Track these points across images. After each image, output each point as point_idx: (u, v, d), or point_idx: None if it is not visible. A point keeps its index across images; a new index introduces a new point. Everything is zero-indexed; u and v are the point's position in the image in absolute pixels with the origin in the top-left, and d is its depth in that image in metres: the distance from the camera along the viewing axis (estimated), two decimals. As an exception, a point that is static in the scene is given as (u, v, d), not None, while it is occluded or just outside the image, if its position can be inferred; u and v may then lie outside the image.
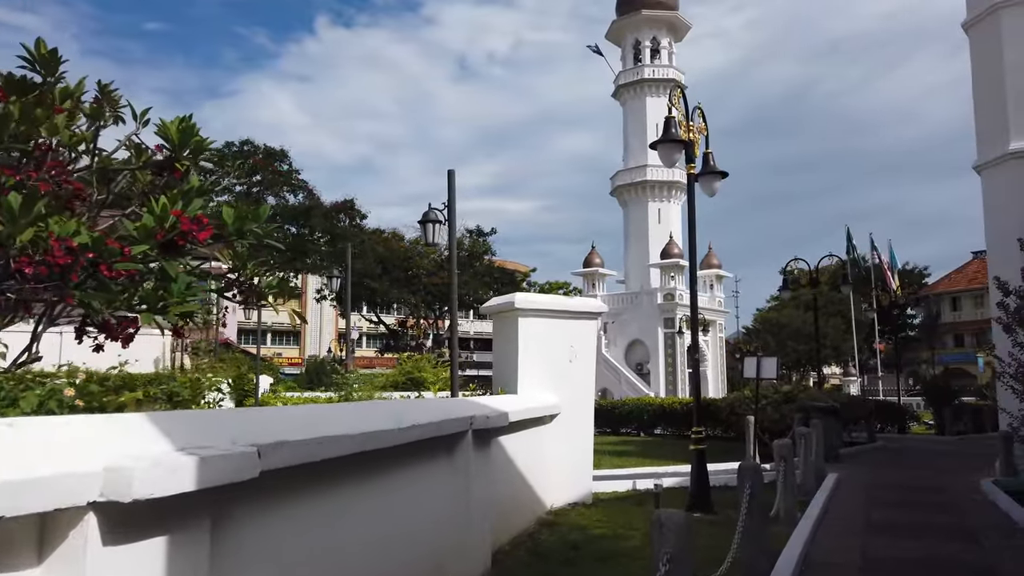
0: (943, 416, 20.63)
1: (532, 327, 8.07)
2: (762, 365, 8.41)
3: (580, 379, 8.46)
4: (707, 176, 8.82)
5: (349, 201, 46.06)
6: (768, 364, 8.39)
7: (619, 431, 24.24)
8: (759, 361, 8.49)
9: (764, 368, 8.39)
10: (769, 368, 8.38)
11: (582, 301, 8.39)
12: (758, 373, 8.44)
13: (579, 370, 8.41)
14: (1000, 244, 10.77)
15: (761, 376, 8.45)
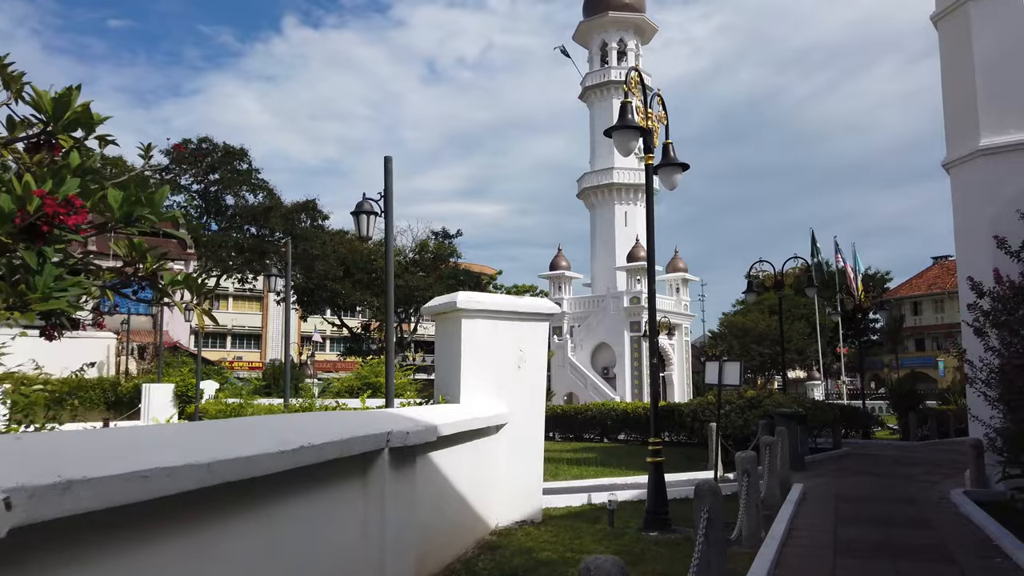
0: (908, 421, 20.39)
1: (477, 329, 7.39)
2: (724, 370, 7.84)
3: (530, 385, 7.80)
4: (667, 168, 8.24)
5: (310, 202, 44.94)
6: (731, 369, 7.83)
7: (582, 437, 23.68)
8: (721, 366, 7.92)
9: (726, 373, 7.83)
10: (732, 374, 7.82)
11: (531, 301, 7.73)
12: (720, 379, 7.88)
13: (529, 376, 7.75)
14: (970, 244, 10.38)
15: (724, 382, 7.88)
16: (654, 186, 8.07)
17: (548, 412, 25.10)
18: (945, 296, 71.38)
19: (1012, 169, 9.99)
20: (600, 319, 44.71)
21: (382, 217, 8.64)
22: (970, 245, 10.40)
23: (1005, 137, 10.06)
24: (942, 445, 19.75)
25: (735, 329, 64.39)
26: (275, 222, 42.39)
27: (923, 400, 22.52)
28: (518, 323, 7.65)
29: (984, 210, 10.15)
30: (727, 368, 7.89)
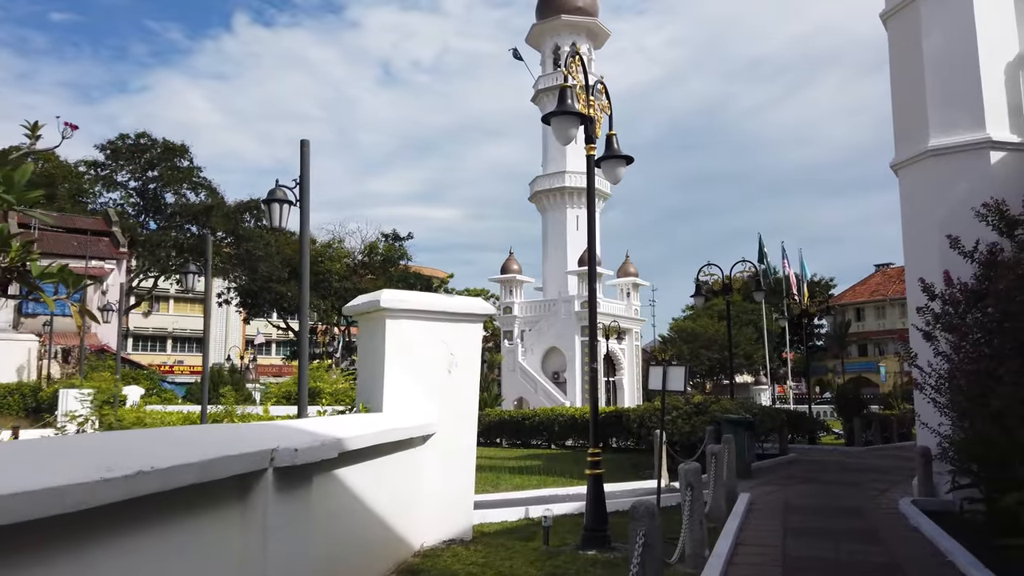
0: (853, 426, 20.40)
1: (403, 331, 6.75)
2: (669, 375, 7.37)
3: (461, 392, 7.18)
4: (610, 160, 7.76)
5: (254, 201, 43.38)
6: (675, 374, 7.36)
7: (529, 443, 23.15)
8: (665, 371, 7.45)
9: (671, 379, 7.36)
10: (676, 379, 7.35)
11: (463, 301, 7.13)
12: (664, 384, 7.41)
13: (460, 381, 7.13)
14: (919, 246, 10.15)
15: (668, 388, 7.42)
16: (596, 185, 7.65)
17: (495, 418, 24.60)
18: (887, 303, 73.28)
19: (962, 170, 9.79)
20: (551, 323, 44.34)
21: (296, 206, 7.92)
22: (919, 248, 10.17)
23: (955, 138, 9.87)
24: (887, 451, 19.80)
25: (685, 334, 64.92)
26: (217, 221, 40.89)
27: (867, 405, 22.62)
28: (449, 324, 7.04)
29: (934, 212, 9.93)
30: (672, 373, 7.42)
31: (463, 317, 7.21)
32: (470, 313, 7.24)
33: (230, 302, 51.39)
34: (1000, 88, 9.87)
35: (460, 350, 7.16)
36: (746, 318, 62.17)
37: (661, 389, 7.43)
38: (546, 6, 47.41)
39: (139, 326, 65.86)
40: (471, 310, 7.24)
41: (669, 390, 7.44)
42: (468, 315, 7.24)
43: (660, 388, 7.43)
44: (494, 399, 33.19)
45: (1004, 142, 9.67)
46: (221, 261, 41.54)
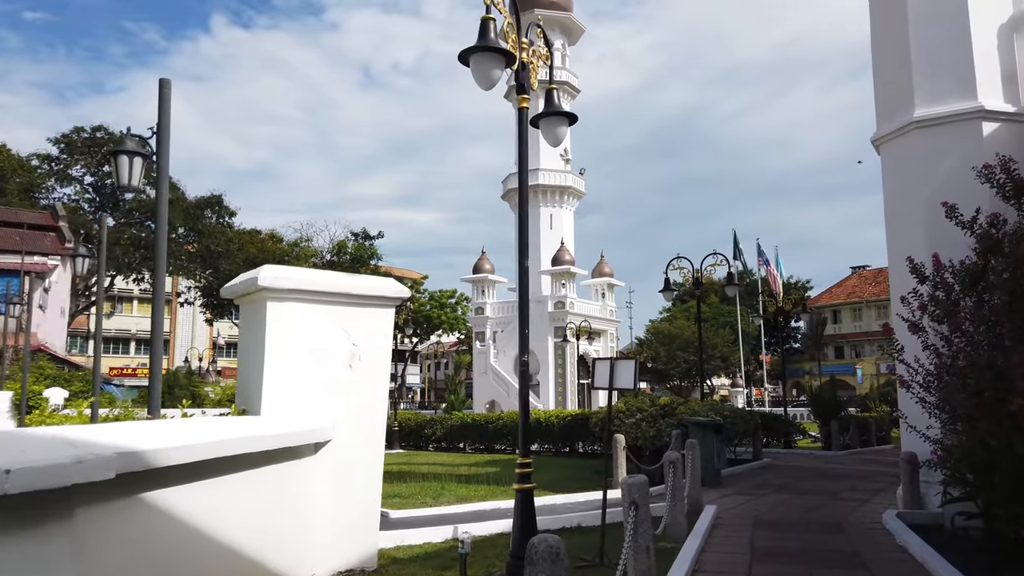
0: (830, 429, 19.43)
1: (290, 316, 5.55)
2: (617, 371, 6.23)
3: (366, 391, 5.99)
4: (550, 118, 6.61)
5: (216, 197, 41.92)
6: (624, 370, 6.21)
7: (493, 448, 21.96)
8: (613, 366, 6.30)
9: (619, 375, 6.23)
10: (625, 375, 6.21)
11: (370, 281, 5.94)
12: (611, 381, 6.28)
13: (364, 378, 5.94)
14: (903, 228, 9.12)
15: (617, 385, 6.30)
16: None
17: (458, 422, 23.42)
18: (863, 304, 73.04)
19: (951, 143, 8.77)
20: (523, 324, 43.06)
21: None
22: (903, 229, 9.13)
23: (943, 107, 8.85)
24: (865, 455, 18.86)
25: (661, 336, 63.92)
26: (175, 217, 39.21)
27: (844, 408, 21.71)
28: (351, 309, 5.84)
29: (920, 189, 8.90)
30: (620, 368, 6.29)
31: (370, 301, 6.01)
32: (378, 296, 6.04)
33: (192, 302, 49.69)
34: (992, 53, 8.87)
35: (365, 340, 5.96)
36: (723, 320, 61.40)
37: (608, 387, 6.31)
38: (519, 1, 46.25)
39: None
40: (379, 292, 6.04)
41: (618, 388, 6.32)
42: (375, 298, 6.04)
43: (606, 386, 6.32)
44: (461, 402, 31.98)
45: (997, 111, 8.66)
46: (181, 259, 39.94)
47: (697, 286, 17.02)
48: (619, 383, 6.29)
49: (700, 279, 16.95)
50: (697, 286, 17.02)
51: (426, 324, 56.88)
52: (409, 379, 74.57)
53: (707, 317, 69.80)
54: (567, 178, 45.16)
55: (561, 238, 43.33)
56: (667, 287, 17.65)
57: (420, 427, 23.76)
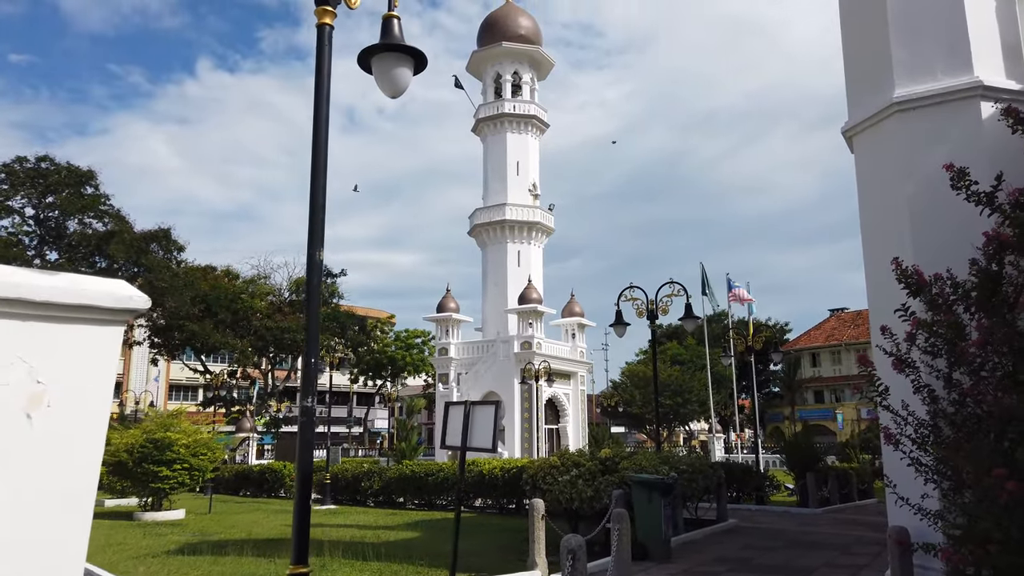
0: (806, 483, 17.32)
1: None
2: (473, 423, 4.17)
3: (61, 454, 3.85)
4: (386, 57, 4.65)
5: (163, 230, 39.64)
6: (481, 421, 4.15)
7: (434, 504, 19.62)
8: (468, 415, 4.22)
9: (476, 430, 4.18)
10: (483, 429, 4.15)
11: (74, 282, 3.71)
12: (466, 440, 4.21)
13: (59, 434, 3.81)
14: (882, 234, 7.24)
15: (472, 444, 4.26)
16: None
17: (395, 475, 21.06)
18: (842, 347, 71.46)
19: (939, 129, 6.94)
20: (489, 365, 40.90)
21: None
22: (882, 236, 7.23)
23: (929, 84, 7.03)
24: (846, 512, 16.75)
25: (636, 379, 61.90)
26: (117, 250, 36.88)
27: (822, 458, 19.62)
28: (34, 325, 3.77)
29: (901, 188, 7.03)
30: (476, 418, 4.24)
31: (71, 313, 3.89)
32: (88, 306, 3.92)
33: (141, 342, 47.03)
34: (989, 17, 7.11)
35: (62, 375, 3.81)
36: (700, 362, 59.56)
37: (460, 447, 4.25)
38: (487, 34, 45.28)
39: (48, 369, 60.35)
40: (89, 299, 3.92)
41: (473, 448, 4.28)
42: (83, 309, 3.92)
43: (458, 446, 4.26)
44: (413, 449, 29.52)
45: (999, 89, 6.85)
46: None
47: (652, 319, 15.06)
48: (476, 441, 4.25)
49: (655, 311, 15.01)
50: (652, 319, 15.06)
51: (391, 366, 54.35)
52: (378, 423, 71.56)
53: (684, 359, 67.94)
54: (535, 213, 43.46)
55: (529, 275, 41.40)
56: (619, 321, 15.63)
57: (357, 480, 21.36)
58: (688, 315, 15.06)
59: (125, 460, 17.01)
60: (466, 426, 4.33)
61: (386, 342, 54.80)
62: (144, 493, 17.62)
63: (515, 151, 44.17)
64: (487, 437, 4.25)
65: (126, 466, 17.06)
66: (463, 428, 4.35)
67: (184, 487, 17.62)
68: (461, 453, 4.64)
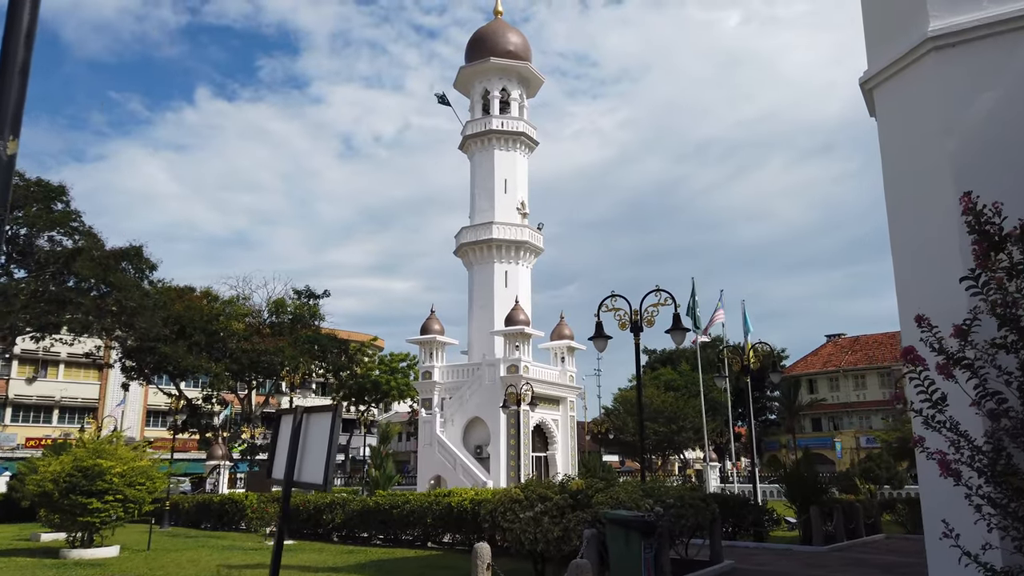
0: (810, 517, 15.58)
1: None
2: (306, 441, 2.67)
3: None
4: None
5: (134, 248, 37.93)
6: (316, 438, 2.63)
7: (400, 540, 17.80)
8: (300, 433, 2.68)
9: (309, 449, 2.69)
10: (317, 448, 2.65)
11: None
12: (292, 467, 2.71)
13: None
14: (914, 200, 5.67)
15: (302, 479, 2.77)
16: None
17: (358, 507, 19.27)
18: (840, 374, 69.76)
19: (985, 69, 5.43)
20: (474, 390, 39.12)
21: None
22: (915, 206, 5.69)
23: (971, 15, 5.54)
24: (855, 551, 15.01)
25: (629, 405, 60.06)
26: (83, 267, 35.17)
27: (827, 489, 17.90)
28: None
29: (940, 144, 5.50)
30: (311, 435, 2.69)
31: None
32: None
33: (112, 365, 45.15)
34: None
35: None
36: (694, 388, 57.79)
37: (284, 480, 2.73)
38: (475, 49, 44.23)
39: (20, 394, 58.40)
40: None
41: (302, 483, 2.75)
42: None
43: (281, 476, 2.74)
44: (388, 478, 27.68)
45: (1064, 15, 5.35)
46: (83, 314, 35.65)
47: (636, 331, 13.42)
48: (306, 471, 2.68)
49: (640, 323, 13.39)
50: (636, 331, 13.42)
51: (374, 391, 52.41)
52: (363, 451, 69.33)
53: (678, 385, 66.14)
54: (523, 232, 42.01)
55: (516, 296, 39.78)
56: (599, 334, 13.97)
57: (319, 512, 19.52)
58: (676, 326, 13.43)
59: (50, 491, 15.24)
60: (295, 448, 2.81)
61: (370, 366, 52.94)
62: (73, 527, 15.79)
63: (503, 168, 42.86)
64: (319, 465, 2.70)
65: (51, 497, 15.29)
66: (290, 451, 2.82)
67: (117, 521, 15.81)
68: (285, 488, 3.05)
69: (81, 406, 61.72)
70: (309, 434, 2.93)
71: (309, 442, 2.88)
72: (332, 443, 2.70)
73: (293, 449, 2.86)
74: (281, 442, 3.08)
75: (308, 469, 2.87)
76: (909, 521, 19.33)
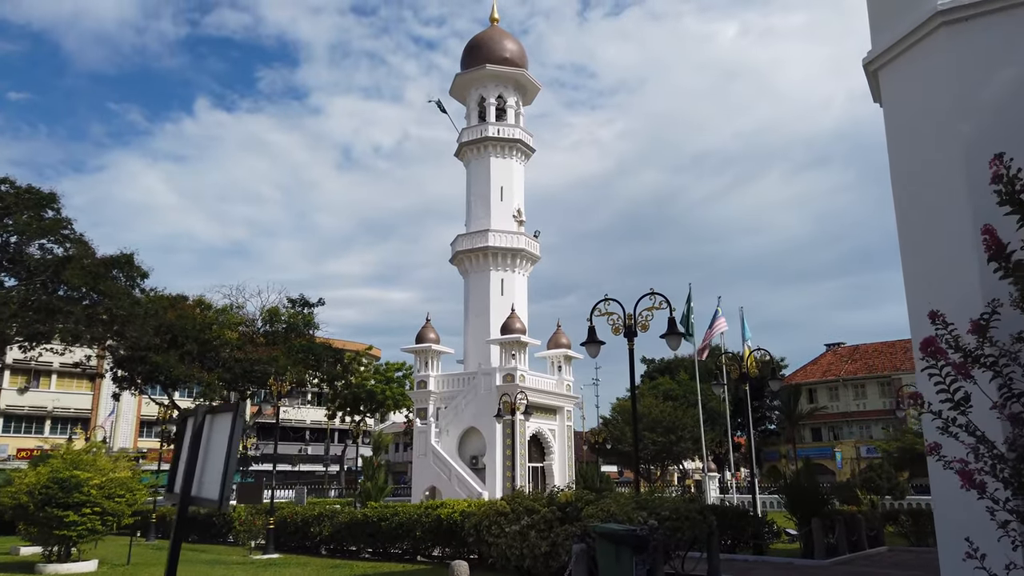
0: (811, 529, 15.07)
1: None
2: (207, 448, 2.28)
3: None
4: None
5: (125, 256, 37.43)
6: (217, 444, 2.21)
7: (389, 554, 17.26)
8: (201, 429, 2.26)
9: (209, 458, 2.28)
10: (215, 458, 2.23)
11: None
12: (189, 480, 2.29)
13: None
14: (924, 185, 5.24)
15: (200, 492, 2.36)
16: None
17: (348, 519, 18.74)
18: (839, 383, 69.20)
19: (1003, 45, 5.00)
20: (469, 400, 38.58)
21: None
22: (924, 195, 5.25)
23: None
24: (858, 564, 14.51)
25: (627, 415, 59.42)
26: (73, 276, 34.68)
27: (828, 500, 17.37)
28: None
29: (951, 127, 5.07)
30: (213, 441, 2.26)
31: None
32: None
33: (103, 375, 44.57)
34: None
35: None
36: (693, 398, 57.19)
37: (179, 495, 2.31)
38: (470, 56, 43.94)
39: (12, 404, 57.76)
40: None
41: (199, 499, 2.34)
42: None
43: (177, 490, 2.31)
44: (380, 489, 27.11)
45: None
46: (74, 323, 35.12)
47: (630, 336, 12.96)
48: (204, 485, 2.24)
49: (634, 327, 12.92)
50: (630, 336, 12.96)
51: (369, 400, 51.82)
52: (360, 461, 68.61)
53: (677, 395, 65.48)
54: (520, 240, 41.58)
55: (512, 304, 39.31)
56: (592, 338, 13.52)
57: (306, 525, 18.99)
58: (671, 331, 12.97)
59: (26, 503, 14.72)
60: (193, 457, 2.38)
61: (365, 375, 52.36)
62: (49, 541, 15.26)
63: (499, 176, 42.50)
64: (216, 478, 2.27)
65: (27, 510, 14.77)
66: (187, 459, 2.38)
67: (95, 534, 15.27)
68: (180, 507, 2.60)
69: (74, 416, 61.06)
70: (211, 440, 2.50)
71: (210, 450, 2.43)
72: (231, 451, 2.26)
73: (192, 458, 2.42)
74: (183, 450, 2.62)
75: (206, 482, 2.43)
76: (913, 533, 18.82)
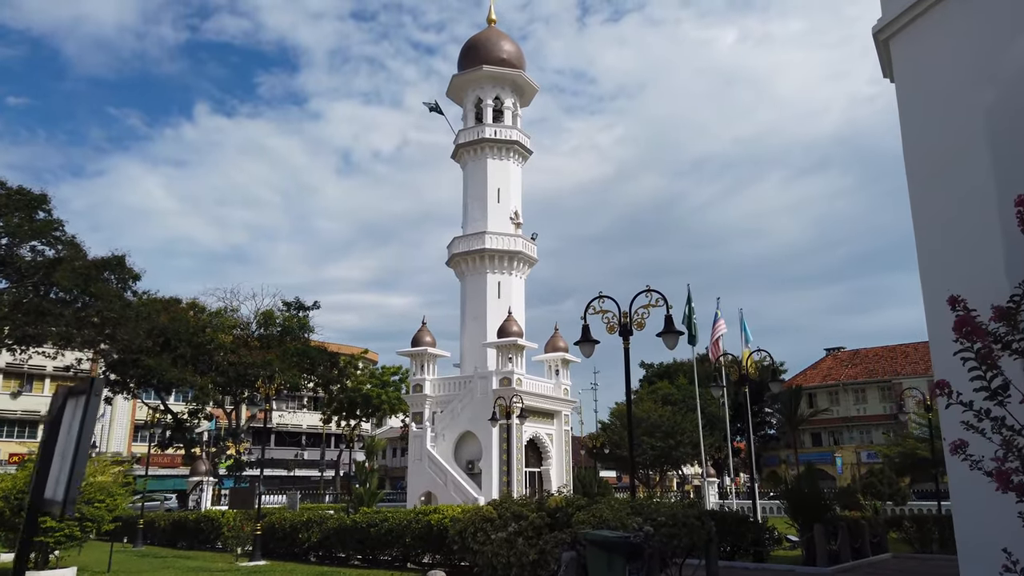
0: (813, 536, 14.60)
1: None
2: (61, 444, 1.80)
3: None
4: None
5: (117, 258, 37.00)
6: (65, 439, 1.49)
7: (378, 560, 16.77)
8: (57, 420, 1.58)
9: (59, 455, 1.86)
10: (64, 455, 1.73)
11: None
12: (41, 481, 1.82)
13: None
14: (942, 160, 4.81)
15: (50, 494, 1.95)
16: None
17: (336, 525, 18.24)
18: (840, 388, 68.76)
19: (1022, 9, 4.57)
20: (465, 404, 38.10)
21: None
22: (941, 170, 4.81)
23: (1006, -56, 4.69)
24: (861, 571, 14.04)
25: (625, 419, 58.87)
26: (63, 278, 34.20)
27: (831, 506, 16.90)
28: None
29: (972, 97, 4.64)
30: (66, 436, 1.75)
31: None
32: None
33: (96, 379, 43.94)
34: None
35: None
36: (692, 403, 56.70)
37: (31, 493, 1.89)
38: (467, 57, 43.55)
39: (5, 408, 57.23)
40: None
41: (47, 504, 1.93)
42: None
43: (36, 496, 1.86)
44: (372, 495, 26.63)
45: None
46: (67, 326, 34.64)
47: (625, 334, 12.50)
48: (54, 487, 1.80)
49: (630, 326, 12.48)
50: (625, 334, 12.50)
51: (365, 405, 51.28)
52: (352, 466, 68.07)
53: (676, 400, 64.92)
54: (517, 242, 41.13)
55: (509, 307, 38.86)
56: (585, 337, 13.03)
57: (295, 531, 18.49)
58: (668, 329, 12.52)
59: (2, 508, 14.22)
60: (48, 454, 1.96)
61: (361, 379, 51.84)
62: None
63: (496, 177, 42.08)
64: (63, 475, 1.84)
65: (3, 515, 14.27)
66: (41, 455, 1.97)
67: (73, 540, 14.76)
68: (29, 510, 2.16)
69: (67, 421, 60.40)
70: (63, 432, 2.05)
71: (62, 441, 1.99)
72: (82, 441, 1.82)
73: (47, 452, 1.96)
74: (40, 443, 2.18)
75: (52, 480, 1.99)
76: (917, 539, 18.35)
